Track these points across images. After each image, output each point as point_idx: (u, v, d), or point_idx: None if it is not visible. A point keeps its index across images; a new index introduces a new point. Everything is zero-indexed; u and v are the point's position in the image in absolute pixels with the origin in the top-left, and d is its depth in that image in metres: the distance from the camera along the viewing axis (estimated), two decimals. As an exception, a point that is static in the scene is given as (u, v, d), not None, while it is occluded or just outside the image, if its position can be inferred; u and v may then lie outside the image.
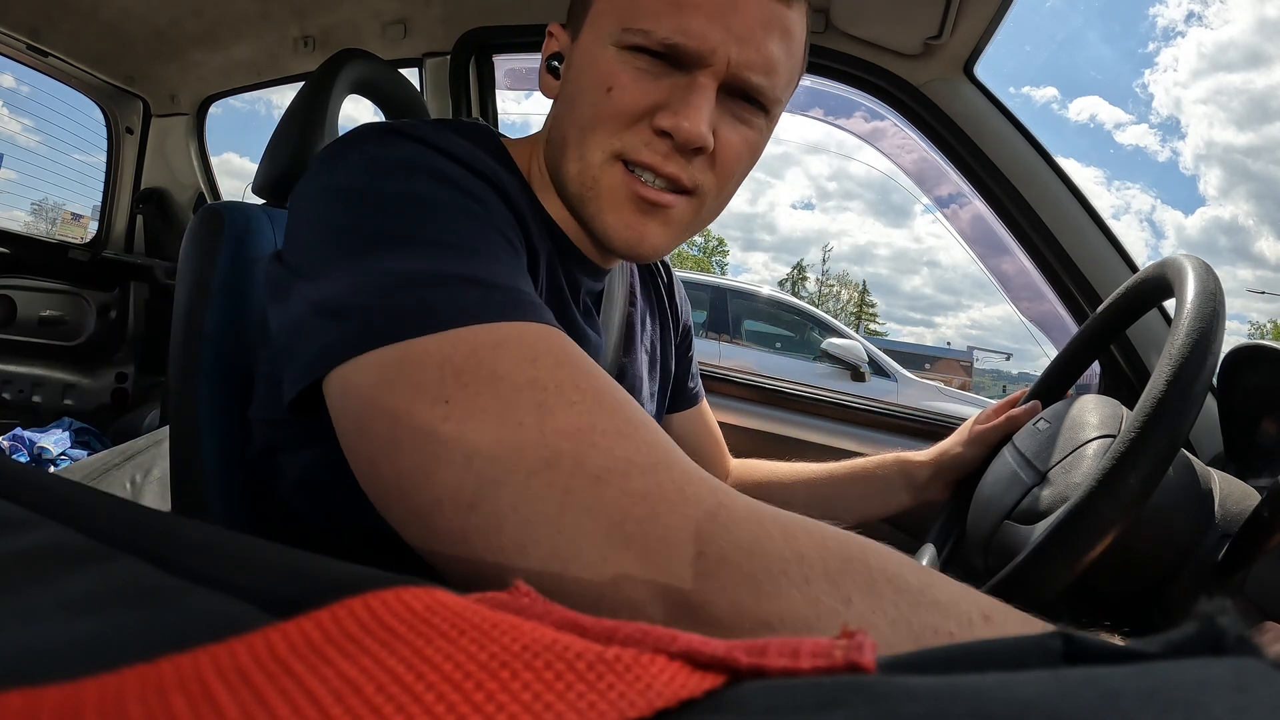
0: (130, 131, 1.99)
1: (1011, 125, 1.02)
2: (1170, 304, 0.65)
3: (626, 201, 0.50)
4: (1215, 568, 0.57)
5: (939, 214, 1.31)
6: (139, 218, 2.04)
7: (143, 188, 2.02)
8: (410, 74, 1.43)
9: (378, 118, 0.88)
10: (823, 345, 5.26)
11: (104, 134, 2.02)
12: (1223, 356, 0.64)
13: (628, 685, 0.12)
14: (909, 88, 1.05)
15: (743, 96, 0.50)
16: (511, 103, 1.54)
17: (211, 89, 1.87)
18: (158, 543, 0.18)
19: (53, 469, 1.62)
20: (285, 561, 0.18)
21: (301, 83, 0.75)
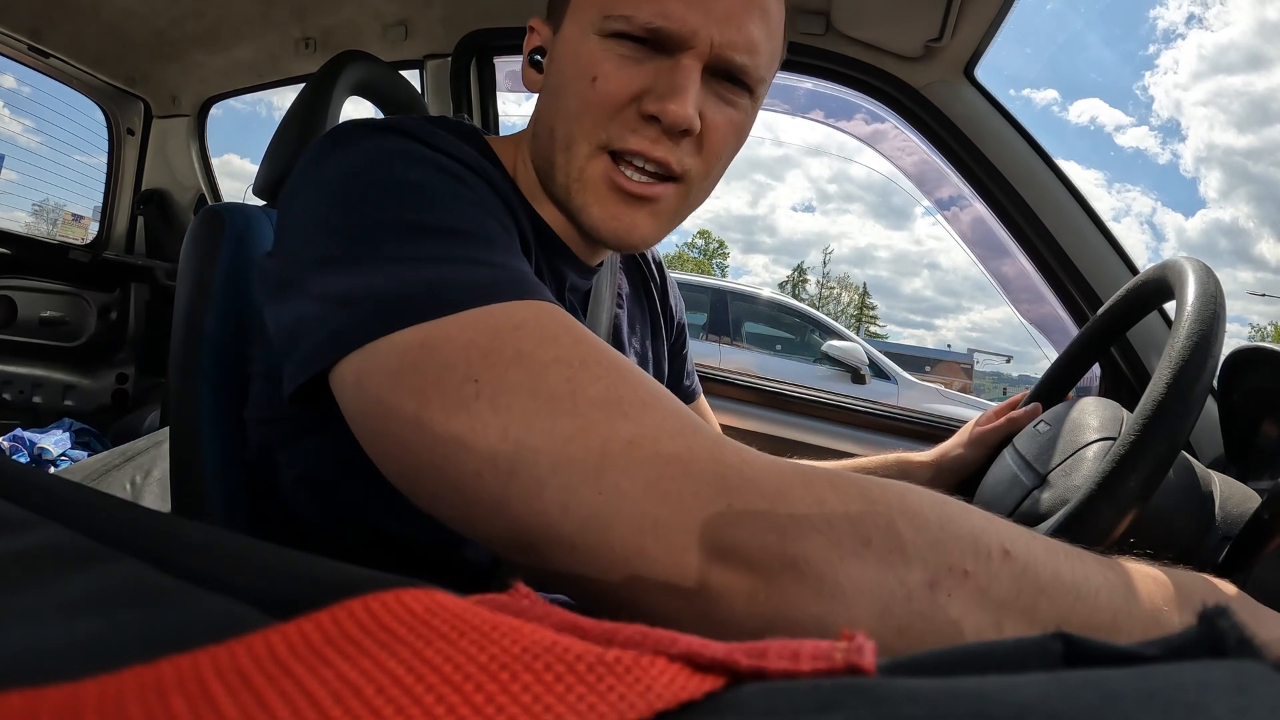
0: (131, 132, 1.99)
1: (1012, 127, 1.02)
2: (1171, 306, 0.65)
3: (611, 193, 0.50)
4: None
5: (939, 216, 1.31)
6: (140, 219, 2.05)
7: (143, 189, 2.02)
8: (411, 76, 1.43)
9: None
10: (823, 348, 5.26)
11: (105, 135, 2.02)
12: (1223, 359, 0.64)
13: (628, 687, 0.12)
14: (909, 90, 1.05)
15: (727, 77, 0.50)
16: (512, 104, 1.55)
17: (212, 90, 1.87)
18: (158, 543, 0.18)
19: (53, 470, 1.62)
20: (285, 562, 0.18)
21: (302, 84, 0.75)
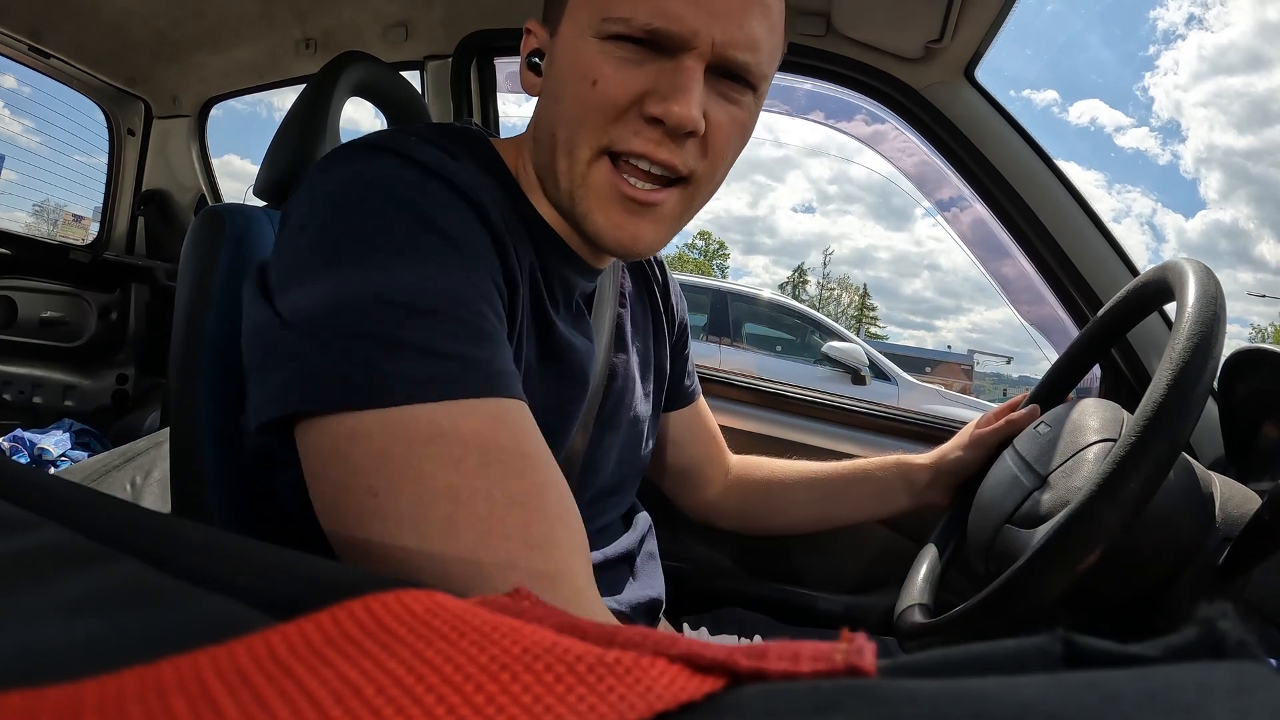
0: (132, 133, 1.99)
1: (1012, 128, 1.02)
2: (1171, 307, 0.65)
3: (614, 201, 0.49)
4: (1216, 571, 0.57)
5: (940, 217, 1.31)
6: (140, 219, 2.04)
7: (144, 189, 2.02)
8: (411, 76, 1.43)
9: (379, 120, 0.88)
10: (823, 349, 5.26)
11: (105, 135, 2.02)
12: (1223, 360, 0.64)
13: (628, 688, 0.12)
14: (910, 91, 1.05)
15: (729, 76, 0.49)
16: (513, 105, 1.55)
17: (213, 91, 1.87)
18: (158, 544, 0.18)
19: (53, 470, 1.62)
20: (285, 563, 0.18)
21: (303, 85, 0.75)
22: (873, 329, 42.09)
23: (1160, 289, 0.66)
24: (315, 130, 0.71)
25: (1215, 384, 0.68)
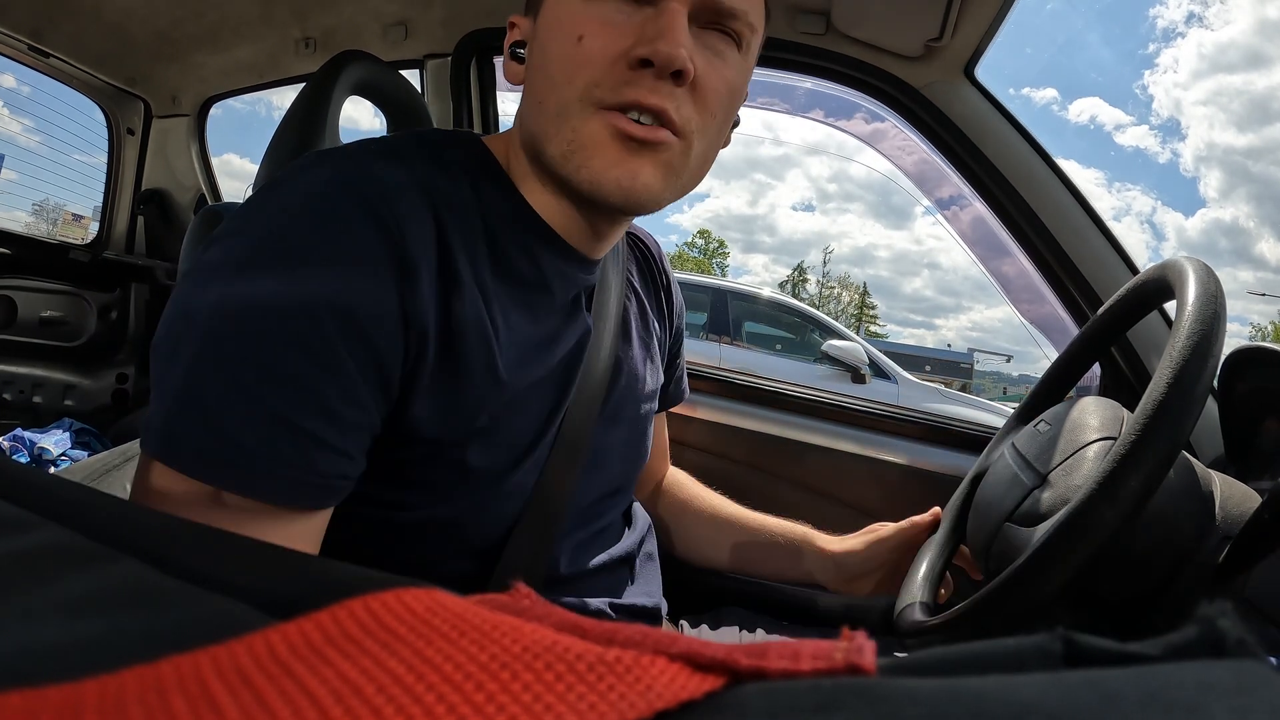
0: (131, 132, 1.99)
1: (1012, 127, 1.02)
2: (1171, 306, 0.65)
3: (612, 141, 0.47)
4: (1216, 570, 0.57)
5: (939, 216, 1.31)
6: (140, 219, 2.04)
7: (144, 189, 2.02)
8: (411, 76, 1.43)
9: (378, 119, 0.88)
10: (823, 347, 5.26)
11: (105, 135, 2.02)
12: (1223, 358, 0.64)
13: (628, 687, 0.12)
14: (909, 90, 1.05)
15: (715, 25, 0.49)
16: (513, 104, 1.54)
17: (212, 90, 1.87)
18: (158, 543, 0.18)
19: (53, 470, 1.62)
20: (285, 562, 0.18)
21: (303, 84, 0.75)
22: (872, 327, 42.10)
23: (1160, 287, 0.66)
24: (315, 129, 0.71)
25: (1215, 382, 0.68)
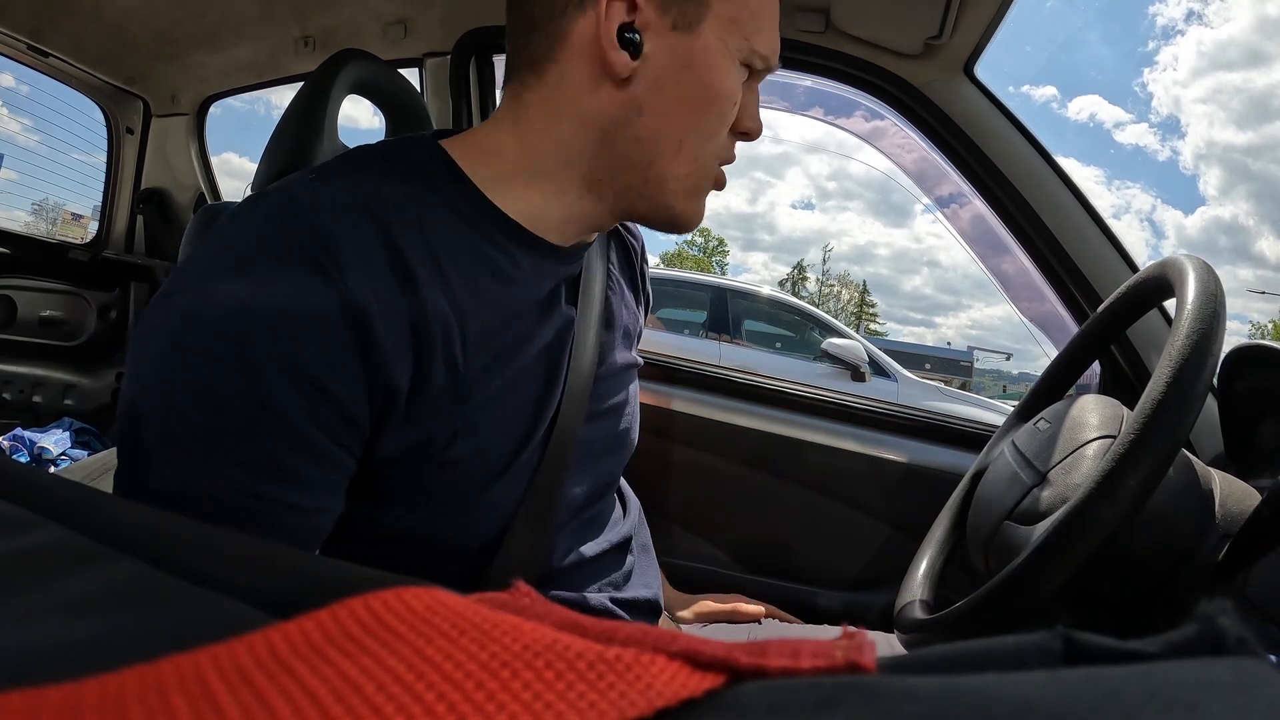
0: (130, 131, 1.99)
1: (1012, 125, 1.02)
2: (1171, 304, 0.65)
3: (710, 188, 0.55)
4: (1216, 568, 0.57)
5: (939, 214, 1.31)
6: (139, 218, 2.04)
7: (143, 188, 2.02)
8: (411, 74, 1.43)
9: (377, 118, 0.88)
10: (823, 345, 5.27)
11: (104, 134, 2.02)
12: (1223, 357, 0.64)
13: (628, 685, 0.12)
14: (909, 88, 1.05)
15: None
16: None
17: (212, 89, 1.86)
18: (158, 543, 0.18)
19: (53, 469, 1.62)
20: (285, 561, 0.18)
21: (302, 83, 0.75)
22: (872, 326, 42.06)
23: (1160, 285, 0.66)
24: (313, 128, 0.71)
25: (1215, 381, 0.68)
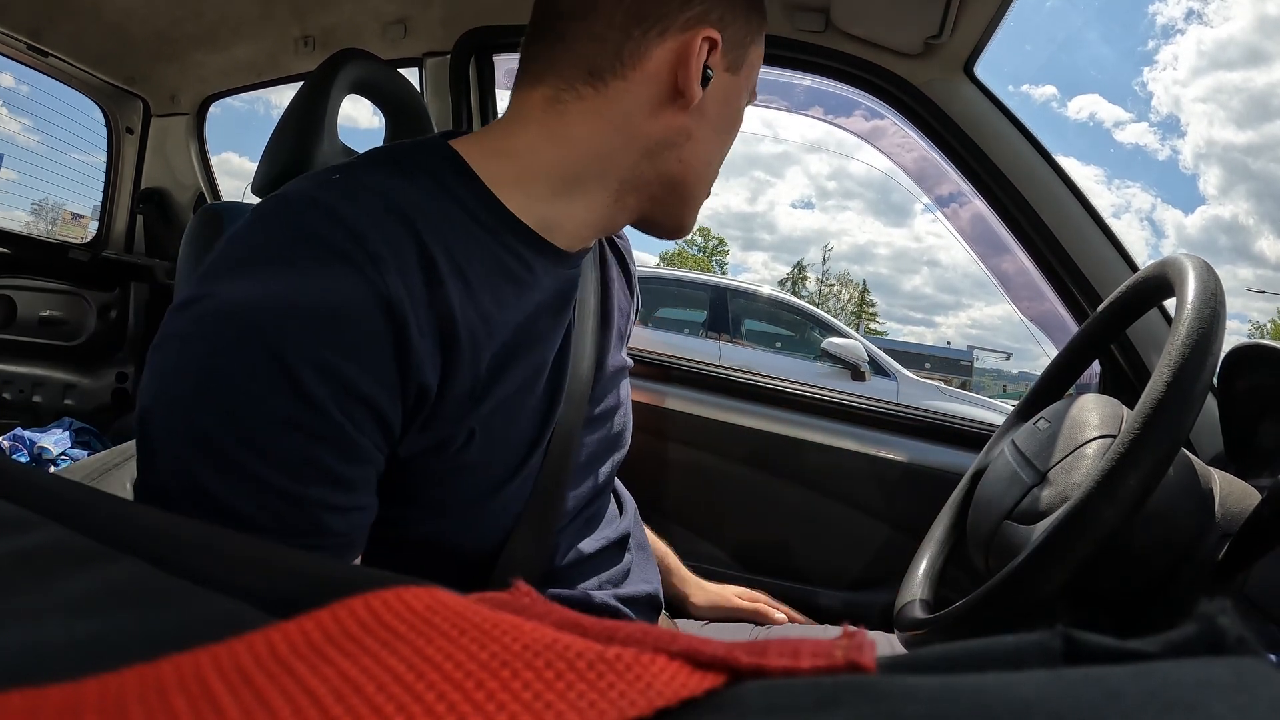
0: (130, 131, 1.99)
1: (1011, 124, 1.02)
2: (1171, 303, 0.65)
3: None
4: (1216, 567, 0.57)
5: (939, 213, 1.31)
6: (139, 218, 2.04)
7: (143, 188, 2.02)
8: (410, 74, 1.43)
9: (377, 118, 0.88)
10: (823, 345, 5.27)
11: (104, 134, 2.02)
12: (1223, 356, 0.64)
13: (628, 684, 0.12)
14: (909, 87, 1.05)
15: None
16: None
17: (212, 89, 1.86)
18: (158, 543, 0.18)
19: (53, 469, 1.62)
20: (285, 561, 0.18)
21: (301, 83, 0.75)
22: (872, 325, 42.03)
23: (1160, 285, 0.66)
24: (313, 128, 0.71)
25: (1215, 380, 0.68)
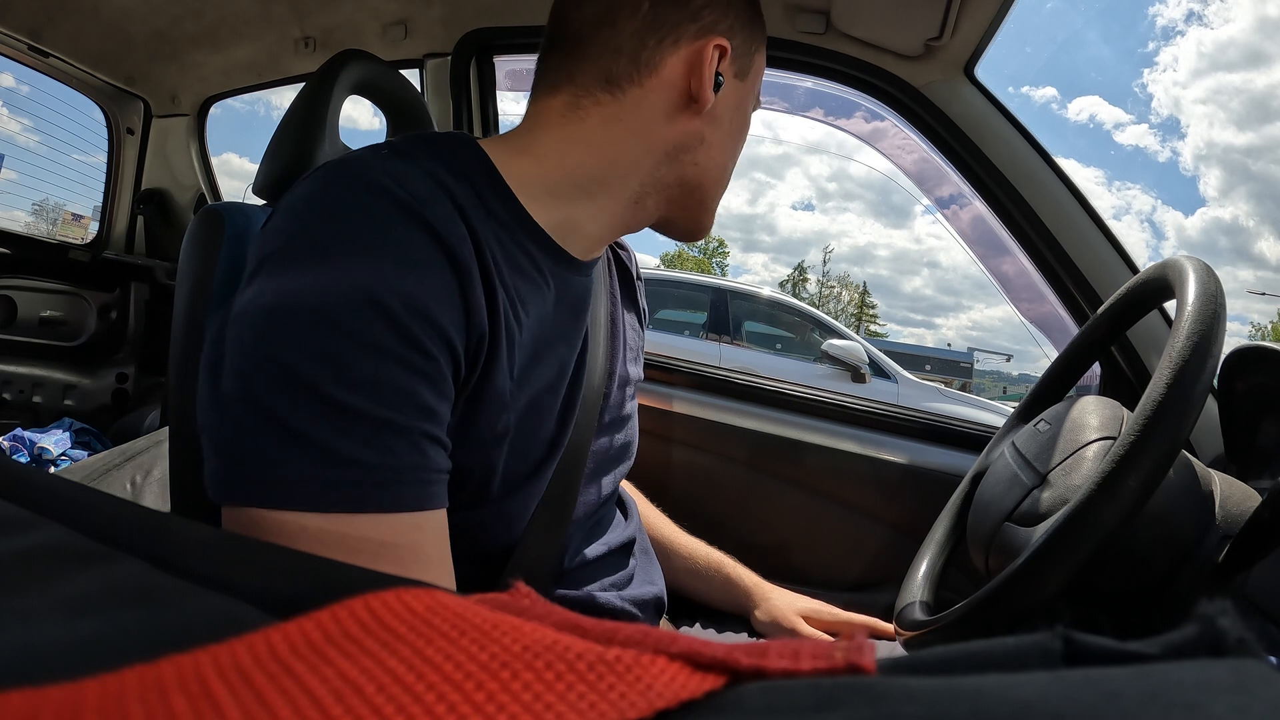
0: (131, 132, 1.99)
1: (1012, 126, 1.02)
2: (1171, 305, 0.65)
3: None
4: (1216, 569, 0.57)
5: (939, 215, 1.31)
6: (139, 218, 2.04)
7: (143, 188, 2.02)
8: (411, 75, 1.43)
9: (378, 118, 0.88)
10: (823, 346, 5.26)
11: (104, 134, 2.02)
12: (1223, 358, 0.64)
13: (628, 686, 0.12)
14: (909, 89, 1.05)
15: None
16: (511, 103, 1.54)
17: (212, 90, 1.87)
18: (158, 543, 0.18)
19: (53, 469, 1.62)
20: (285, 562, 0.18)
21: (302, 83, 0.75)
22: (872, 327, 42.03)
23: (1160, 286, 0.66)
24: (314, 128, 0.71)
25: (1215, 382, 0.68)
